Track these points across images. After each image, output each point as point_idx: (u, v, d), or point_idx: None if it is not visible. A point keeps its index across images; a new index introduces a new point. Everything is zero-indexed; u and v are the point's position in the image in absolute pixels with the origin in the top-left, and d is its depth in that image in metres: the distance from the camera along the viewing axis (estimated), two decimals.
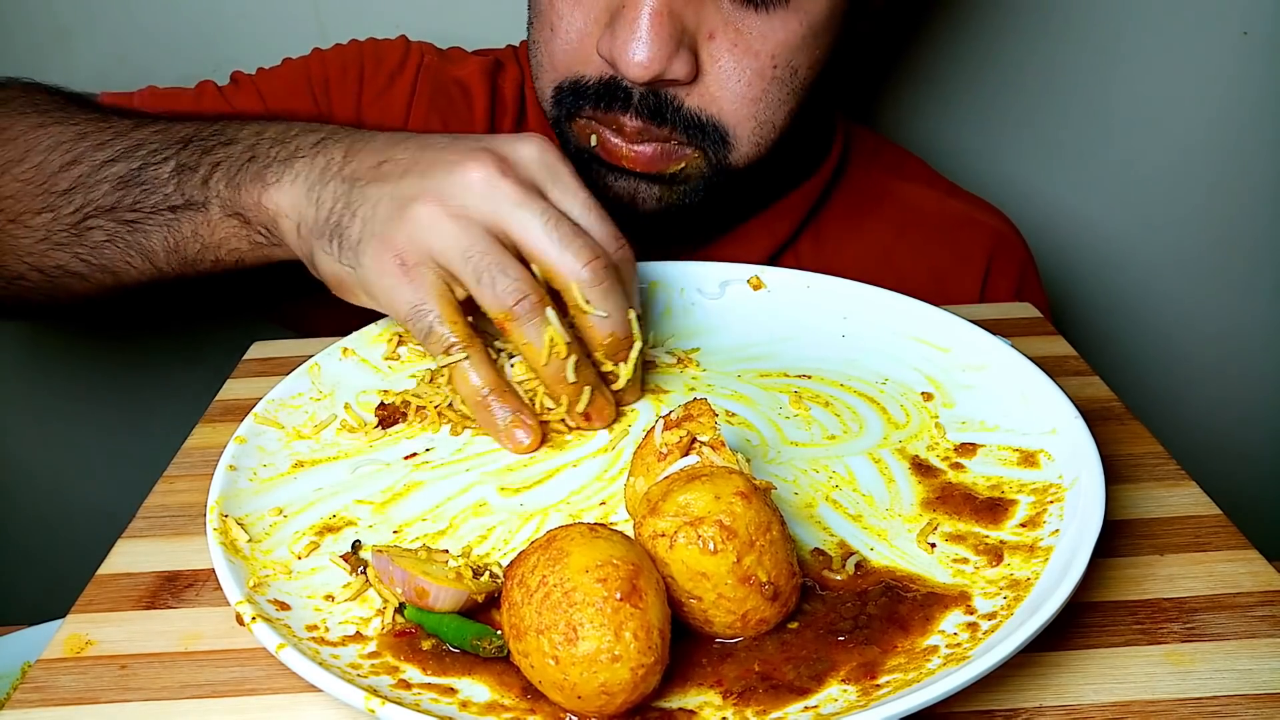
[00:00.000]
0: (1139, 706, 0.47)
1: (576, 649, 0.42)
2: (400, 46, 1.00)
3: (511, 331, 0.62)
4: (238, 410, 0.67)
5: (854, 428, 0.65)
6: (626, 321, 0.64)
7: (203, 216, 0.74)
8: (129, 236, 0.77)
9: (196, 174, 0.75)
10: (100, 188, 0.77)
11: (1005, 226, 1.02)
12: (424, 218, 0.61)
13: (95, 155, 0.78)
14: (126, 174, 0.77)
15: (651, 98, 0.78)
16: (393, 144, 0.68)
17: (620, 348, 0.64)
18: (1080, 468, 0.56)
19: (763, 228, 0.96)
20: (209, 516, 0.54)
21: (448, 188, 0.62)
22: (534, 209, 0.61)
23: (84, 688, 0.49)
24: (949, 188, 1.04)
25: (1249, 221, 1.31)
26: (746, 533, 0.47)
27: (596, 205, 0.65)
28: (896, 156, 1.05)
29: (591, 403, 0.64)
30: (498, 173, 0.62)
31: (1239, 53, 1.21)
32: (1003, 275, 0.99)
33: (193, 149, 0.76)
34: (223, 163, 0.74)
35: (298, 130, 0.73)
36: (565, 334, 0.61)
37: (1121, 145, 1.27)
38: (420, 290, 0.62)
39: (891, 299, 0.75)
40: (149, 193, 0.76)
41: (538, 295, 0.61)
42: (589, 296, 0.62)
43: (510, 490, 0.61)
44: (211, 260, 0.76)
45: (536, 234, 0.61)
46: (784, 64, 0.79)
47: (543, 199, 0.62)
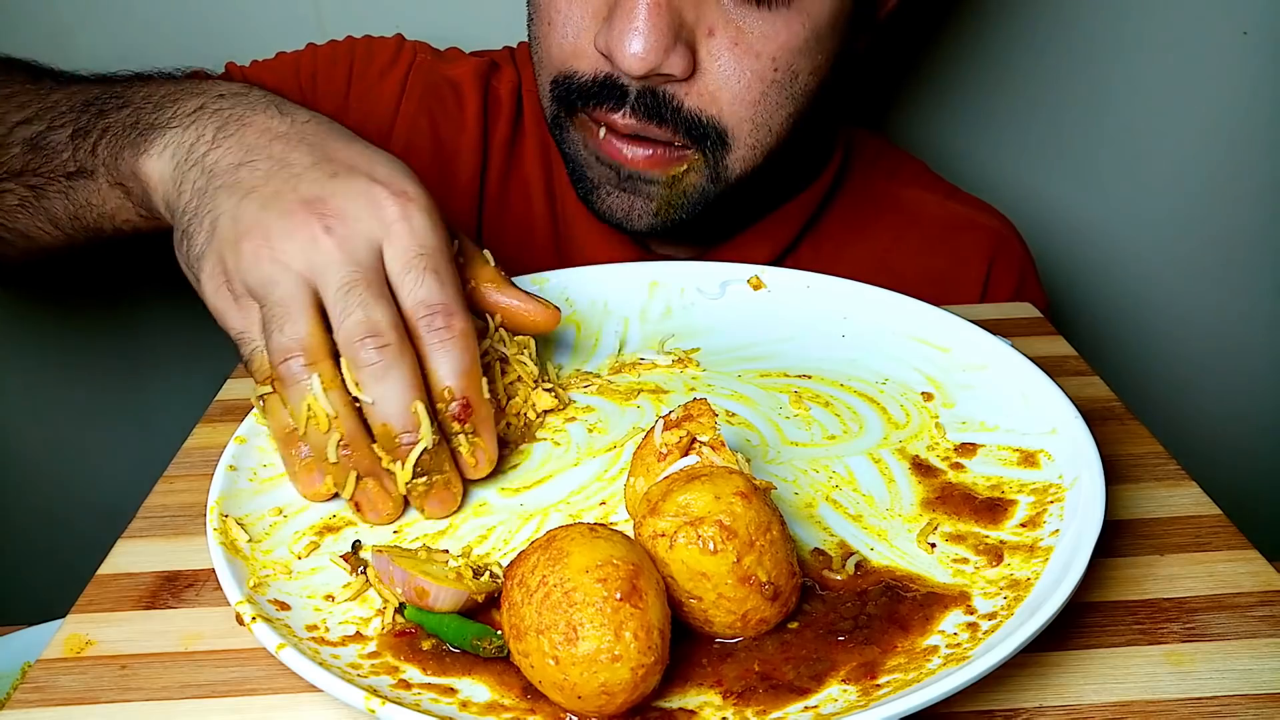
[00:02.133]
0: (1139, 706, 0.47)
1: (576, 649, 0.42)
2: (393, 44, 1.00)
3: (277, 390, 0.57)
4: (238, 410, 0.67)
5: (854, 428, 0.65)
6: (405, 413, 0.55)
7: (94, 185, 0.72)
8: (36, 202, 0.75)
9: (89, 139, 0.72)
10: (11, 150, 0.75)
11: (1005, 228, 1.02)
12: (248, 253, 0.57)
13: (11, 116, 0.76)
14: (33, 136, 0.75)
15: (649, 95, 0.77)
16: (263, 140, 0.63)
17: (395, 443, 0.56)
18: (1080, 468, 0.56)
19: (763, 235, 0.96)
20: (209, 516, 0.54)
21: (272, 231, 0.57)
22: (336, 273, 0.56)
23: (84, 688, 0.49)
24: (949, 190, 1.04)
25: (1249, 221, 1.31)
26: (746, 533, 0.47)
27: (422, 265, 0.57)
28: (896, 161, 1.05)
29: (360, 491, 0.57)
30: (322, 229, 0.57)
31: (1239, 53, 1.21)
32: (1003, 277, 0.99)
33: (91, 112, 0.73)
34: (111, 128, 0.71)
35: (181, 93, 0.69)
36: (328, 407, 0.55)
37: (1121, 145, 1.27)
38: (246, 320, 0.58)
39: (891, 299, 0.75)
40: (49, 158, 0.74)
41: (309, 358, 0.55)
42: (359, 377, 0.55)
43: (510, 490, 0.61)
44: (111, 229, 0.74)
45: (329, 297, 0.56)
46: (785, 67, 0.78)
47: (356, 264, 0.56)
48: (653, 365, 0.73)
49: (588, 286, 0.79)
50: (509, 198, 0.98)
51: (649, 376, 0.72)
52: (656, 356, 0.74)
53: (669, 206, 0.83)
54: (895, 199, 1.01)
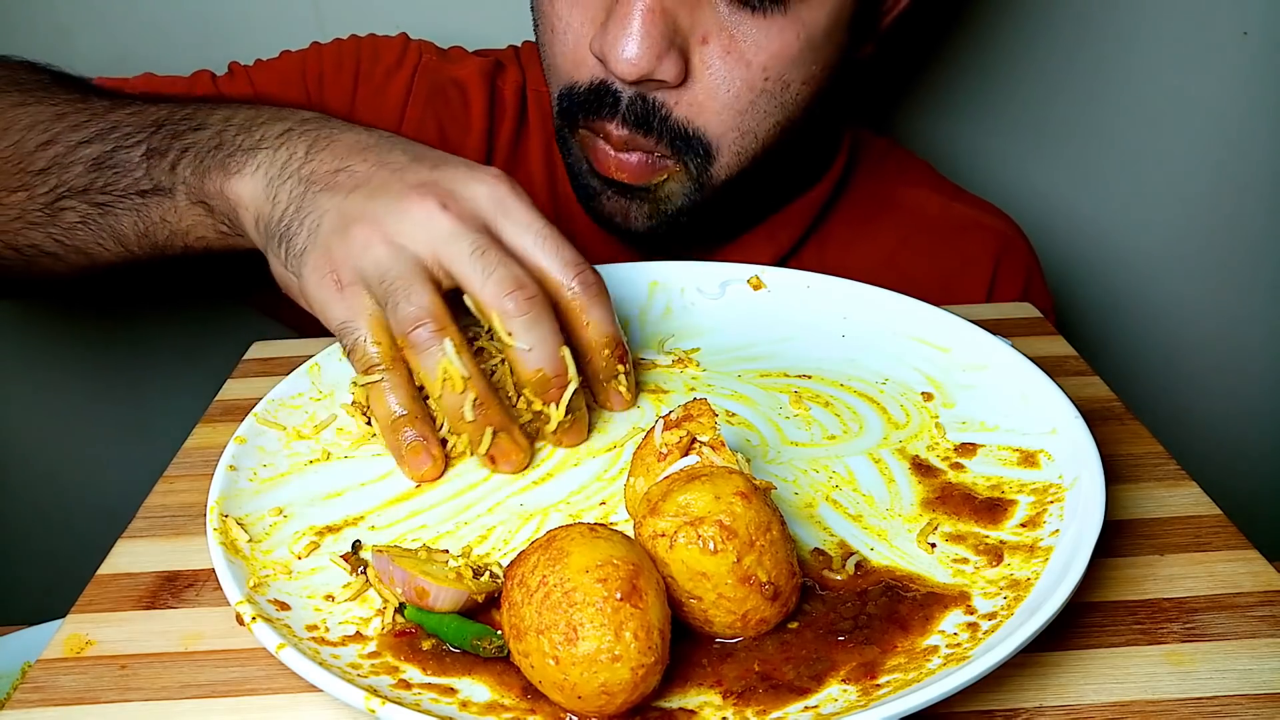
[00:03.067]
0: (1139, 706, 0.47)
1: (576, 649, 0.42)
2: (399, 44, 1.00)
3: (409, 358, 0.59)
4: (238, 410, 0.67)
5: (854, 428, 0.65)
6: (557, 358, 0.60)
7: (170, 203, 0.73)
8: (100, 219, 0.76)
9: (165, 159, 0.73)
10: (74, 169, 0.76)
11: (1011, 230, 1.01)
12: (359, 240, 0.60)
13: (71, 136, 0.77)
14: (99, 156, 0.75)
15: (639, 103, 0.78)
16: (355, 150, 0.66)
17: (549, 385, 0.60)
18: (1080, 468, 0.56)
19: (766, 236, 0.96)
20: (209, 516, 0.54)
21: (387, 215, 0.60)
22: (465, 239, 0.60)
23: (84, 688, 0.49)
24: (954, 192, 1.03)
25: (1249, 221, 1.31)
26: (746, 533, 0.47)
27: (553, 235, 0.62)
28: (902, 161, 1.05)
29: (495, 445, 0.60)
30: (439, 206, 0.60)
31: (1239, 53, 1.21)
32: (1009, 279, 0.99)
33: (164, 133, 0.75)
34: (191, 148, 0.72)
35: (266, 118, 0.71)
36: (463, 368, 0.58)
37: (1121, 145, 1.27)
38: (352, 309, 0.60)
39: (891, 299, 0.75)
40: (119, 176, 0.75)
41: (437, 324, 0.58)
42: (510, 328, 0.59)
43: (511, 490, 0.61)
44: (181, 246, 0.75)
45: (462, 262, 0.59)
46: (775, 76, 0.78)
47: (481, 232, 0.60)
48: (653, 365, 0.73)
49: None
50: None
51: (649, 376, 0.72)
52: (656, 356, 0.74)
53: (660, 211, 0.84)
54: (901, 200, 1.01)
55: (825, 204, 0.98)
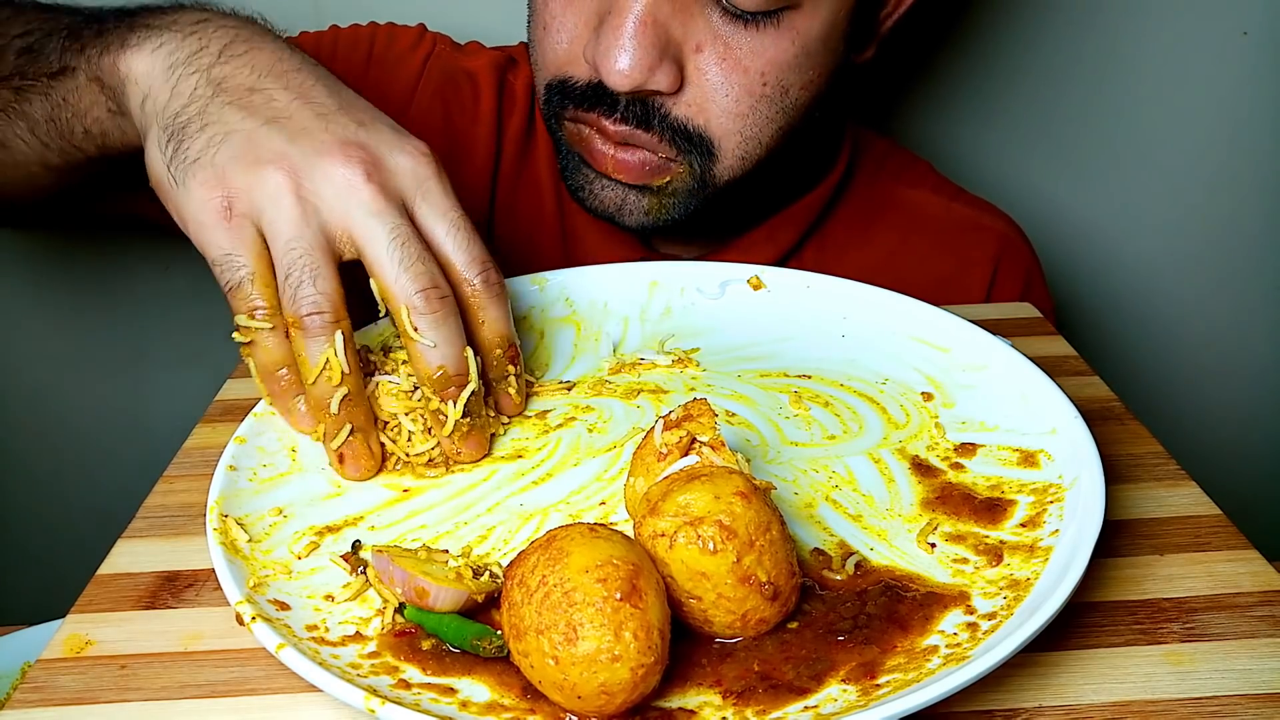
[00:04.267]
0: (1139, 706, 0.47)
1: (576, 649, 0.42)
2: (416, 32, 1.00)
3: (293, 336, 0.59)
4: (238, 410, 0.67)
5: (854, 428, 0.65)
6: (460, 357, 0.60)
7: (72, 82, 0.71)
8: (18, 105, 0.74)
9: (78, 41, 0.71)
10: (6, 57, 0.75)
11: (1011, 230, 1.01)
12: (270, 183, 0.58)
13: (12, 30, 0.76)
14: (29, 44, 0.74)
15: (638, 105, 0.78)
16: (274, 69, 0.63)
17: (449, 384, 0.60)
18: (1080, 468, 0.56)
19: (766, 237, 0.96)
20: (209, 516, 0.54)
21: (305, 167, 0.58)
22: (385, 222, 0.58)
23: (84, 688, 0.49)
24: (954, 192, 1.03)
25: (1249, 221, 1.31)
26: (746, 533, 0.47)
27: (466, 226, 0.61)
28: (903, 162, 1.05)
29: (347, 444, 0.60)
30: (363, 175, 0.58)
31: (1239, 53, 1.21)
32: (1009, 280, 0.99)
33: (89, 22, 0.72)
34: (106, 31, 0.70)
35: (188, 5, 0.69)
36: (345, 364, 0.58)
37: (1122, 145, 1.27)
38: (237, 242, 0.58)
39: (891, 299, 0.75)
40: (37, 61, 0.73)
41: (334, 315, 0.58)
42: (416, 323, 0.58)
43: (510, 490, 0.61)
44: (82, 131, 0.73)
45: (378, 248, 0.58)
46: (774, 82, 0.78)
47: (399, 213, 0.59)
48: (653, 365, 0.73)
49: (588, 286, 0.79)
50: (519, 193, 0.98)
51: (649, 376, 0.72)
52: (656, 356, 0.74)
53: (659, 208, 0.83)
54: (901, 200, 1.01)
55: (826, 205, 0.98)
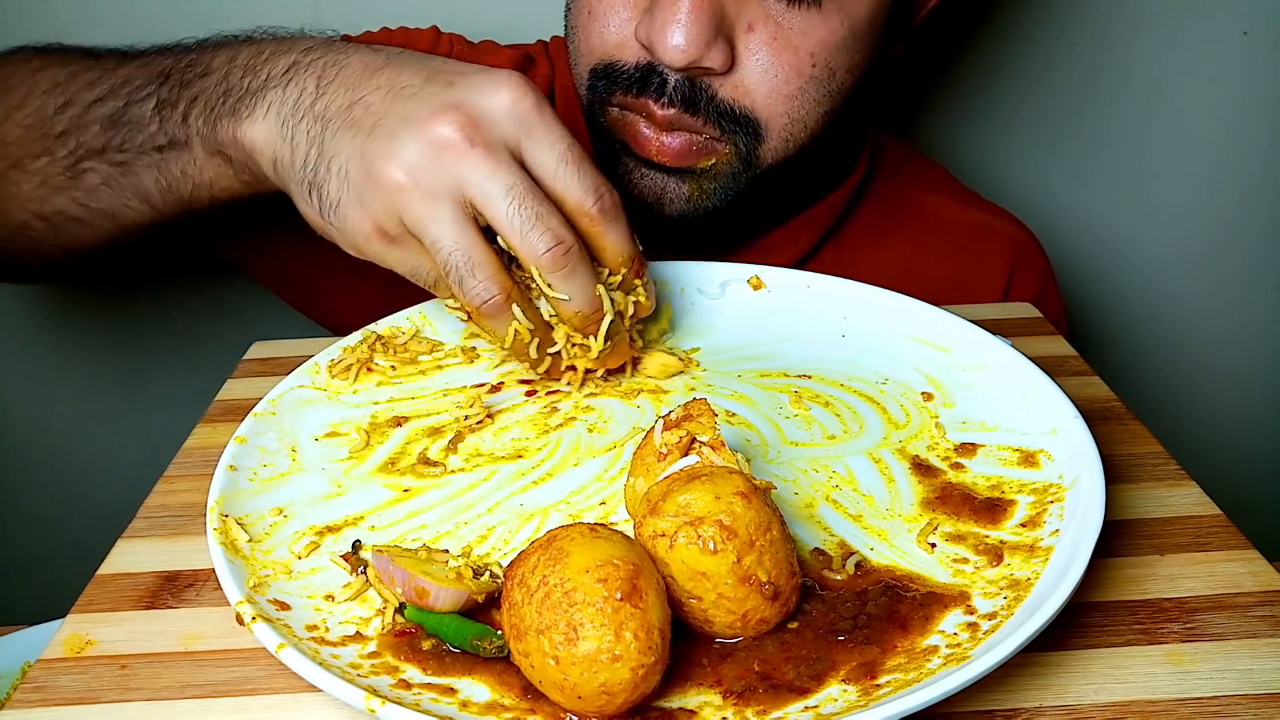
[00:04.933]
0: (1139, 706, 0.47)
1: (577, 649, 0.42)
2: (429, 36, 1.00)
3: (478, 322, 0.64)
4: (238, 410, 0.67)
5: (854, 428, 0.65)
6: (593, 298, 0.65)
7: (188, 155, 0.73)
8: (122, 179, 0.76)
9: (176, 110, 0.73)
10: (90, 129, 0.76)
11: (1025, 236, 1.02)
12: (390, 189, 0.61)
13: (85, 95, 0.76)
14: (113, 113, 0.75)
15: (686, 86, 0.77)
16: (365, 76, 0.66)
17: (589, 323, 0.66)
18: (1080, 468, 0.56)
19: (786, 240, 0.96)
20: (209, 516, 0.54)
21: (415, 156, 0.61)
22: (500, 182, 0.61)
23: (84, 688, 0.49)
24: (970, 197, 1.03)
25: (1249, 222, 1.31)
26: (746, 533, 0.47)
27: (573, 156, 0.64)
28: (920, 167, 1.05)
29: (551, 366, 0.67)
30: (464, 139, 0.61)
31: (1239, 53, 1.21)
32: (1024, 286, 0.99)
33: (171, 83, 0.74)
34: (200, 96, 0.72)
35: (268, 53, 0.71)
36: (528, 323, 0.65)
37: (1121, 145, 1.27)
38: (411, 260, 0.64)
39: (891, 299, 0.75)
40: (134, 132, 0.74)
41: (502, 294, 0.63)
42: (550, 280, 0.63)
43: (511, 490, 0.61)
44: (207, 199, 0.75)
45: (500, 212, 0.61)
46: (823, 63, 0.79)
47: (512, 165, 0.62)
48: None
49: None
50: None
51: (647, 379, 0.72)
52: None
53: (700, 194, 0.83)
54: (918, 205, 1.01)
55: (845, 208, 0.98)
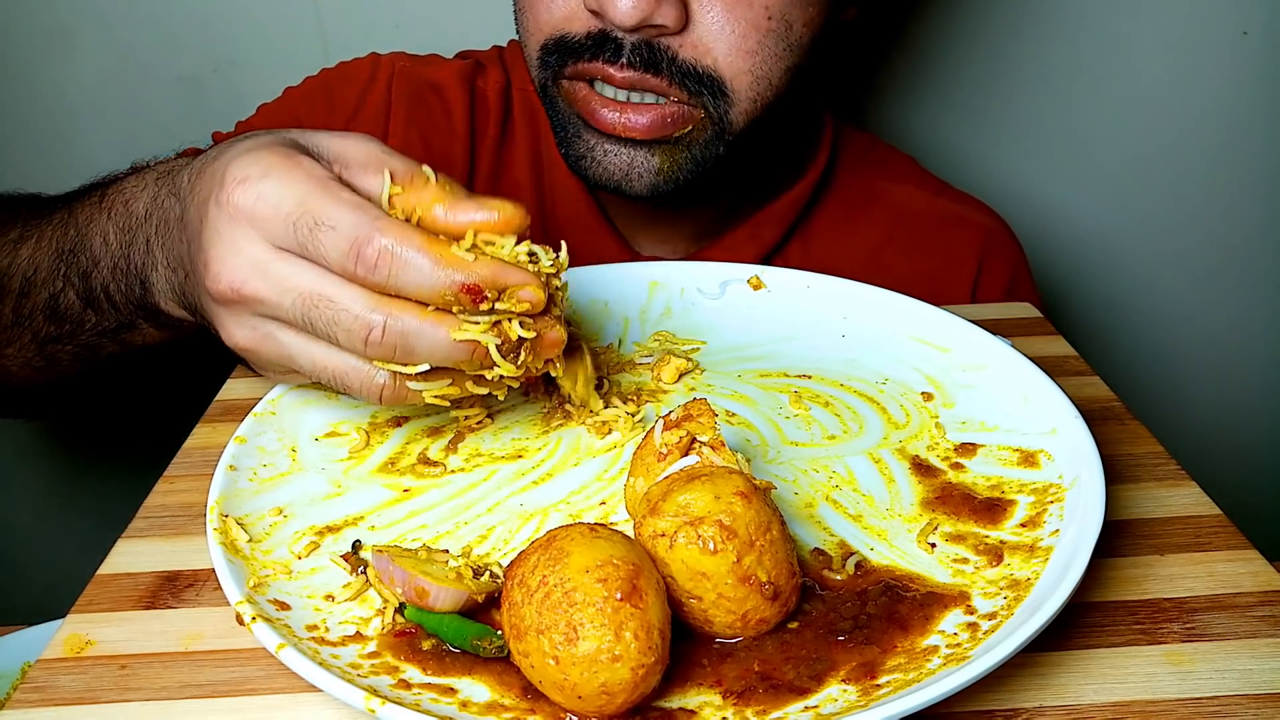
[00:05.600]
0: (1139, 706, 0.47)
1: (577, 649, 0.42)
2: (368, 63, 0.98)
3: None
4: (238, 410, 0.67)
5: (854, 428, 0.65)
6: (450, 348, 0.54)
7: (140, 331, 0.74)
8: (90, 354, 0.78)
9: (100, 301, 0.73)
10: (36, 319, 0.78)
11: (996, 225, 1.01)
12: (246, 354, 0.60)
13: (9, 285, 0.78)
14: (45, 305, 0.77)
15: (644, 49, 0.77)
16: (180, 230, 0.63)
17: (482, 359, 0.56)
18: (1080, 468, 0.56)
19: (749, 235, 0.96)
20: (209, 516, 0.54)
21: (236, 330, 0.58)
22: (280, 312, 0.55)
23: (84, 688, 0.49)
24: (939, 187, 1.03)
25: (1249, 221, 1.31)
26: (746, 533, 0.47)
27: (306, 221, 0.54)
28: (886, 156, 1.04)
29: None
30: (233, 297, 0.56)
31: (1239, 53, 1.21)
32: (994, 275, 0.98)
33: (74, 273, 0.74)
34: (109, 286, 0.72)
35: (127, 229, 0.70)
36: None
37: (1122, 144, 1.27)
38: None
39: (891, 299, 0.75)
40: (77, 324, 0.76)
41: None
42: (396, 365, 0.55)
43: (511, 490, 0.61)
44: (178, 340, 0.76)
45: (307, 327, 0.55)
46: (779, 16, 0.78)
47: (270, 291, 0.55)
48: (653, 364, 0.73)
49: (588, 286, 0.79)
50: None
51: (649, 376, 0.72)
52: (653, 360, 0.74)
53: (672, 165, 0.81)
54: (884, 196, 1.00)
55: (808, 201, 0.97)
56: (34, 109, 1.21)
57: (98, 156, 1.04)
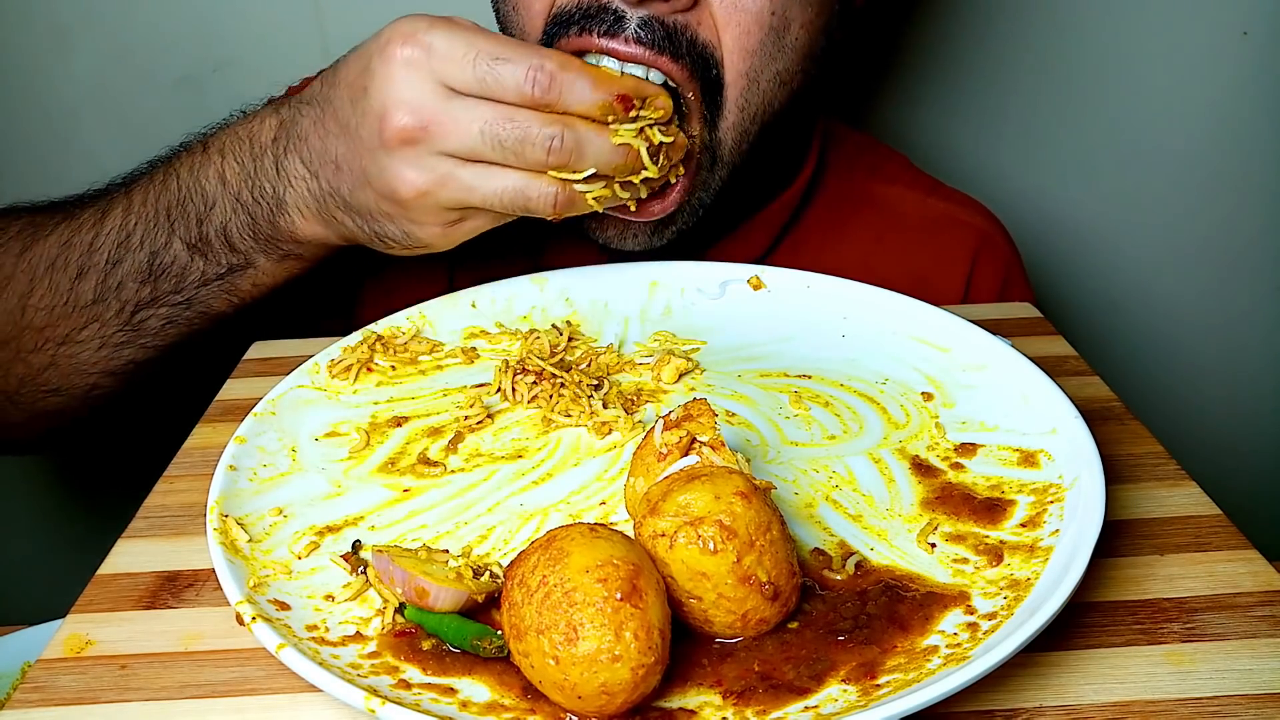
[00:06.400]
0: (1139, 706, 0.47)
1: (577, 649, 0.42)
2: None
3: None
4: (238, 410, 0.67)
5: (854, 428, 0.65)
6: (612, 150, 0.68)
7: (255, 271, 0.79)
8: (187, 312, 0.80)
9: (213, 245, 0.77)
10: (127, 287, 0.79)
11: (989, 224, 1.00)
12: (417, 197, 0.68)
13: (96, 259, 0.80)
14: (141, 267, 0.79)
15: (658, 25, 0.73)
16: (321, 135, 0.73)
17: (627, 167, 0.70)
18: (1080, 468, 0.56)
19: (740, 241, 0.94)
20: (209, 516, 0.54)
21: (406, 170, 0.67)
22: (464, 131, 0.66)
23: (84, 688, 0.49)
24: (931, 186, 1.01)
25: (1248, 221, 1.31)
26: (746, 533, 0.47)
27: (487, 52, 0.66)
28: (877, 157, 1.03)
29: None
30: (414, 130, 0.66)
31: (1239, 53, 1.21)
32: (986, 275, 0.97)
33: (184, 223, 0.78)
34: (227, 225, 0.77)
35: (245, 158, 0.76)
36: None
37: (1121, 144, 1.27)
38: (482, 209, 0.70)
39: (891, 299, 0.75)
40: (180, 276, 0.79)
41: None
42: (565, 171, 0.67)
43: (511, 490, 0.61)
44: (269, 286, 0.81)
45: (484, 149, 0.66)
46: (780, 12, 0.76)
47: (457, 108, 0.66)
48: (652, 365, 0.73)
49: (588, 286, 0.79)
50: None
51: (649, 376, 0.72)
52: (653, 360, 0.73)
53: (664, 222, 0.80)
54: (875, 197, 0.99)
55: (798, 205, 0.96)
56: (33, 109, 1.21)
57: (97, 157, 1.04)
